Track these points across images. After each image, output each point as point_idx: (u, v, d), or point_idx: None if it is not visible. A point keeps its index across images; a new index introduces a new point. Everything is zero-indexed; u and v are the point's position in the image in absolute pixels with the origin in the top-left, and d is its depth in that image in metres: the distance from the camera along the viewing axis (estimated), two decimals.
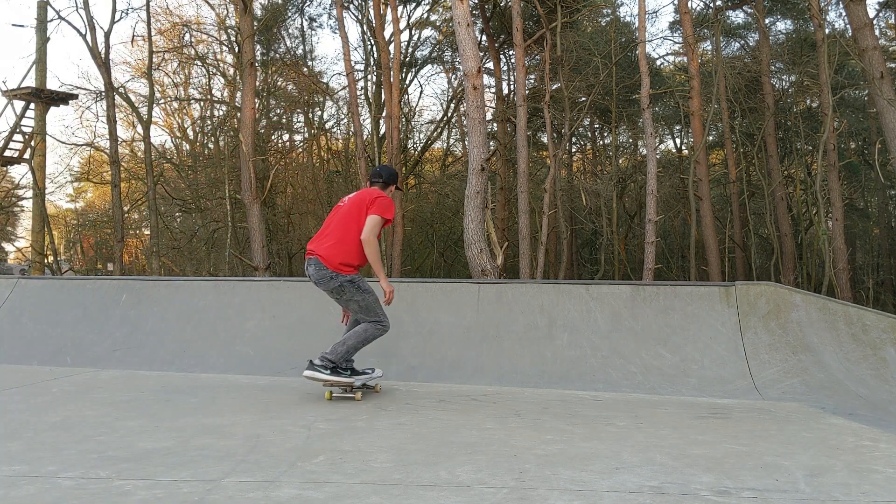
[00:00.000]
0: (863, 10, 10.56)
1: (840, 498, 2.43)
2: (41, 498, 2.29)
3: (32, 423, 3.45)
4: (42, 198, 19.40)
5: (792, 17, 20.20)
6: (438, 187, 23.55)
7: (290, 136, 25.18)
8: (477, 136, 8.12)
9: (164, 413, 3.81)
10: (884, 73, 10.21)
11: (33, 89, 19.39)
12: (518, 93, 14.75)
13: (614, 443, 3.25)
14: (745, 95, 17.57)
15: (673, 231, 22.67)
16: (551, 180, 14.99)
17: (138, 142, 22.09)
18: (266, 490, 2.42)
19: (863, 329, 5.26)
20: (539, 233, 15.14)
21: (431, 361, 5.52)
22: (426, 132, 24.72)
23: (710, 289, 5.70)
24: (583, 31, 18.70)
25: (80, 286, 6.93)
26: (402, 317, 5.89)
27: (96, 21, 24.04)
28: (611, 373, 5.22)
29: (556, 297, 5.83)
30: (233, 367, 5.58)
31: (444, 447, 3.12)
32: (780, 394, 4.78)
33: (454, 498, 2.36)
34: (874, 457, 3.03)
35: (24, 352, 6.07)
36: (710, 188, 17.07)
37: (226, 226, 17.56)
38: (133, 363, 5.73)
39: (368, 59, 20.78)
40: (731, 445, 3.23)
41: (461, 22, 8.13)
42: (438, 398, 4.48)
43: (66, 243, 34.37)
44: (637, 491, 2.46)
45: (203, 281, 6.98)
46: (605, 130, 22.90)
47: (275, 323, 6.07)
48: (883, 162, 12.68)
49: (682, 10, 15.32)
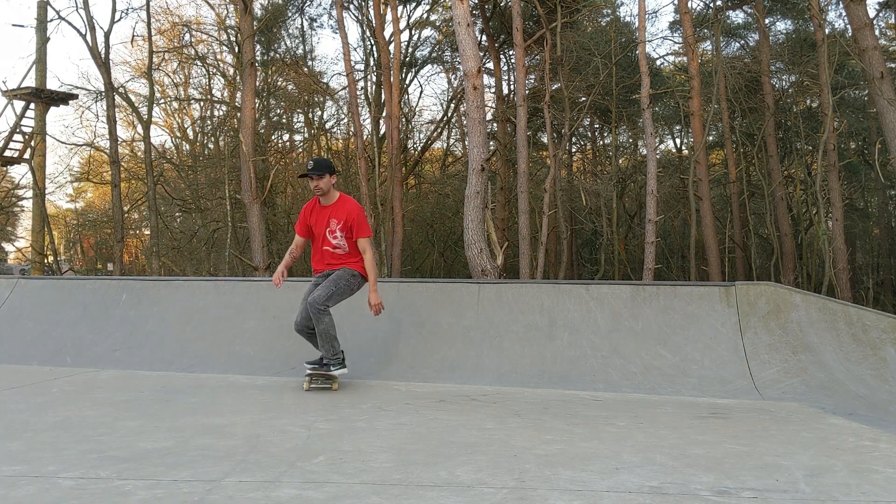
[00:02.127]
0: (863, 10, 10.56)
1: (840, 498, 2.43)
2: (41, 498, 2.29)
3: (32, 423, 3.45)
4: (42, 198, 19.40)
5: (792, 17, 20.20)
6: (438, 187, 23.56)
7: (290, 136, 25.19)
8: (477, 136, 8.12)
9: (164, 413, 3.81)
10: (884, 73, 10.21)
11: (33, 89, 19.39)
12: (518, 93, 14.75)
13: (614, 443, 3.25)
14: (745, 95, 17.57)
15: (673, 231, 22.67)
16: (551, 180, 14.99)
17: (138, 142, 22.11)
18: (266, 490, 2.42)
19: (863, 329, 5.26)
20: (539, 233, 15.14)
21: (431, 361, 5.52)
22: (426, 132, 24.73)
23: (710, 289, 5.69)
24: (583, 31, 18.70)
25: (80, 286, 6.93)
26: (402, 317, 5.89)
27: (96, 21, 24.05)
28: (611, 373, 5.22)
29: (556, 297, 5.83)
30: (233, 367, 5.58)
31: (444, 447, 3.12)
32: (780, 394, 4.78)
33: (454, 498, 2.35)
34: (874, 457, 3.03)
35: (24, 352, 6.06)
36: (710, 188, 17.07)
37: (226, 226, 17.57)
38: (133, 363, 5.73)
39: (368, 59, 20.79)
40: (731, 445, 3.23)
41: (461, 22, 8.13)
42: (438, 398, 4.48)
43: (66, 243, 34.36)
44: (637, 491, 2.46)
45: (203, 281, 6.98)
46: (605, 130, 22.90)
47: (275, 323, 6.07)
48: (883, 162, 12.68)
49: (682, 10, 15.32)
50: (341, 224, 4.71)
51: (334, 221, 4.73)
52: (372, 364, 5.51)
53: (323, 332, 4.60)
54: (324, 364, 4.72)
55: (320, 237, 4.81)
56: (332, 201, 4.79)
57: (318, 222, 4.82)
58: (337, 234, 4.73)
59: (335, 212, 4.75)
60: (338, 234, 4.73)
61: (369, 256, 4.75)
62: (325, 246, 4.79)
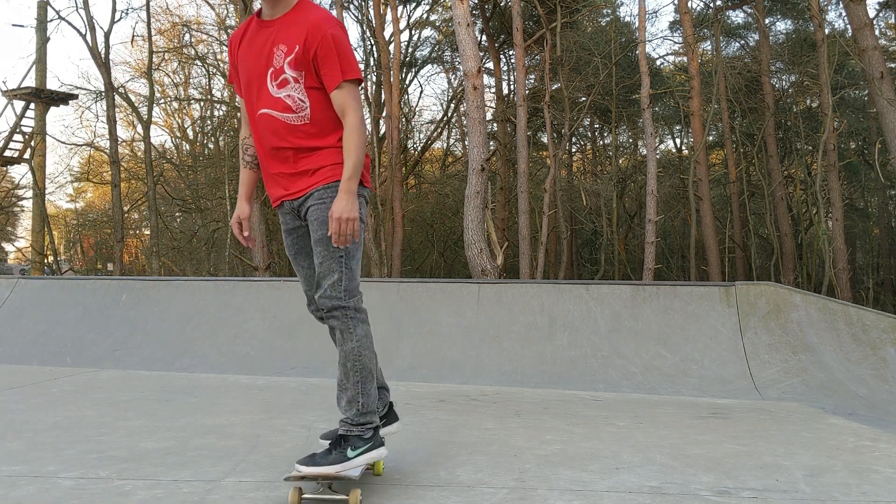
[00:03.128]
0: (863, 10, 10.55)
1: (840, 498, 2.42)
2: (41, 498, 2.29)
3: (32, 423, 3.45)
4: (42, 198, 19.40)
5: (792, 17, 20.22)
6: (438, 187, 23.56)
7: None
8: (477, 136, 8.12)
9: (164, 413, 3.81)
10: (884, 73, 10.21)
11: (33, 89, 19.39)
12: (518, 93, 14.75)
13: (614, 443, 3.25)
14: (745, 95, 17.58)
15: (673, 231, 22.67)
16: (551, 180, 14.99)
17: (138, 142, 22.10)
18: (266, 490, 2.42)
19: (863, 329, 5.26)
20: (539, 233, 15.14)
21: (431, 361, 5.52)
22: (426, 132, 24.75)
23: (710, 289, 5.70)
24: (583, 31, 18.72)
25: (80, 286, 6.93)
26: (402, 317, 5.89)
27: (96, 21, 24.07)
28: (611, 373, 5.22)
29: (556, 297, 5.82)
30: (233, 367, 5.57)
31: (444, 447, 3.12)
32: (780, 394, 4.78)
33: (454, 498, 2.35)
34: (874, 457, 3.03)
35: (24, 352, 6.06)
36: (710, 188, 17.07)
37: (226, 226, 17.57)
38: (133, 363, 5.73)
39: (368, 60, 20.78)
40: (731, 445, 3.23)
41: (461, 22, 8.13)
42: (438, 398, 4.48)
43: (66, 243, 34.36)
44: (637, 491, 2.46)
45: (203, 281, 6.99)
46: (605, 130, 22.90)
47: (275, 323, 6.07)
48: (883, 162, 12.68)
49: (682, 10, 15.32)
50: (295, 55, 2.24)
51: (280, 52, 2.26)
52: None
53: (353, 357, 2.29)
54: (339, 441, 2.28)
55: (256, 93, 2.33)
56: (281, 12, 2.30)
57: (250, 59, 2.34)
58: (288, 79, 2.26)
59: (283, 32, 2.27)
60: (289, 79, 2.26)
61: (352, 120, 2.25)
62: (262, 110, 2.30)
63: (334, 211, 2.19)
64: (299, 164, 2.32)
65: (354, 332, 2.30)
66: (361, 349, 2.30)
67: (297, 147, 2.30)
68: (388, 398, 2.63)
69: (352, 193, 2.22)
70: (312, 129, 2.29)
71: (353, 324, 2.30)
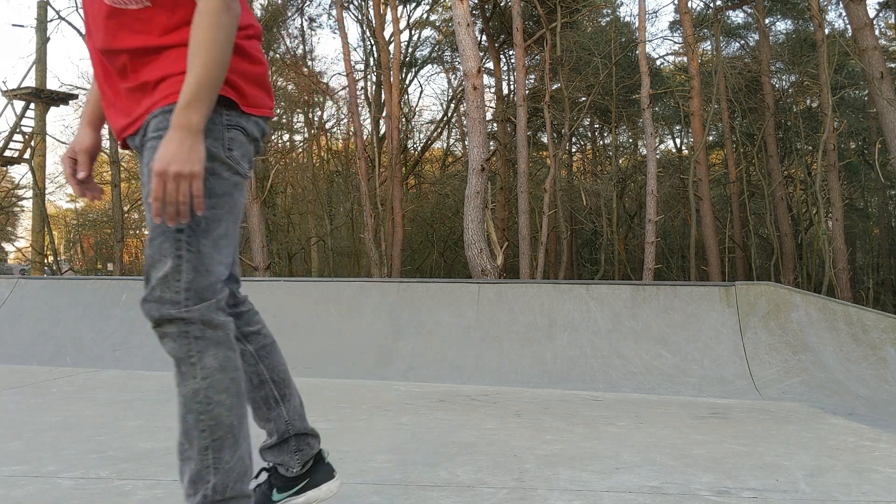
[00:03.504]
0: (863, 10, 10.56)
1: (840, 498, 2.42)
2: (41, 498, 2.29)
3: (32, 423, 3.45)
4: (42, 198, 19.41)
5: (792, 17, 20.24)
6: (438, 187, 23.57)
7: (290, 136, 25.20)
8: (477, 136, 8.12)
9: (164, 413, 3.80)
10: (884, 73, 10.21)
11: (33, 89, 19.41)
12: (518, 93, 14.75)
13: (614, 443, 3.25)
14: (745, 95, 17.59)
15: (673, 231, 22.69)
16: (551, 180, 14.99)
17: None
18: None
19: (863, 329, 5.26)
20: (539, 233, 15.15)
21: (431, 361, 5.52)
22: (426, 132, 24.76)
23: (710, 289, 5.70)
24: (583, 31, 18.72)
25: (80, 286, 6.93)
26: (402, 317, 5.89)
27: None
28: (611, 373, 5.22)
29: (556, 297, 5.83)
30: None
31: (444, 447, 3.12)
32: (780, 394, 4.78)
33: (454, 498, 2.35)
34: (874, 457, 3.03)
35: (24, 352, 6.06)
36: (710, 188, 17.08)
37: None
38: (133, 363, 5.73)
39: (368, 59, 20.80)
40: (731, 445, 3.23)
41: (461, 22, 8.13)
42: (438, 398, 4.48)
43: (66, 243, 34.38)
44: (637, 491, 2.46)
45: None
46: (605, 130, 22.91)
47: (275, 323, 6.06)
48: (883, 162, 12.68)
49: (682, 10, 15.33)
50: None
51: None
52: (372, 364, 5.51)
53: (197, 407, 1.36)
54: None
55: None
56: None
57: None
58: None
59: None
60: None
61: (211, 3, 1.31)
62: None
63: (154, 162, 1.30)
64: (140, 74, 1.42)
65: (200, 362, 1.36)
66: (212, 392, 1.36)
67: (133, 48, 1.40)
68: (316, 446, 1.85)
69: (190, 130, 1.29)
70: (156, 16, 1.38)
71: (197, 347, 1.36)
